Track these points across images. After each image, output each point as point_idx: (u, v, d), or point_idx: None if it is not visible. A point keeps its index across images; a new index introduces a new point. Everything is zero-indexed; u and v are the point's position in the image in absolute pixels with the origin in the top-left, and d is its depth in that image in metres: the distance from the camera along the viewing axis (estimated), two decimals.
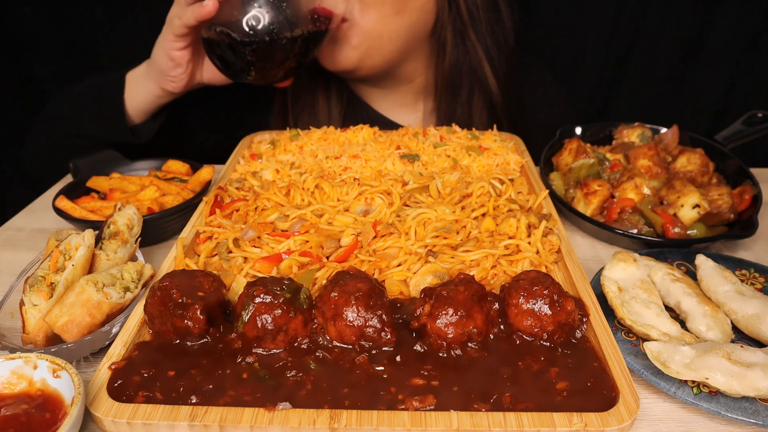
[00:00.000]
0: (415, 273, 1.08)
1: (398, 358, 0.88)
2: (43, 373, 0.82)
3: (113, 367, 0.86)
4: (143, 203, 1.29)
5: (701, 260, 1.12)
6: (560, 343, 0.92)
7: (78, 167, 1.47)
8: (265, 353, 0.89)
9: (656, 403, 0.90)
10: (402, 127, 1.69)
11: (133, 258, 1.11)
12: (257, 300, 0.88)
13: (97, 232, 1.08)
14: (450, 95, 1.82)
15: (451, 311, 0.88)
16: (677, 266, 1.17)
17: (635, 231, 1.30)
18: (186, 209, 1.30)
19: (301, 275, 1.06)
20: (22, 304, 0.95)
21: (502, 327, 0.94)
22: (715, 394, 0.86)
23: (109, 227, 1.09)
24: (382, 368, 0.87)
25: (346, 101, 1.86)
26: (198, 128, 1.95)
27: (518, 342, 0.92)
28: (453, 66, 1.77)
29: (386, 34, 1.62)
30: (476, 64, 1.76)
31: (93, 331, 0.92)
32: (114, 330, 0.95)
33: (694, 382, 0.87)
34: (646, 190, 1.34)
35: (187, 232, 1.20)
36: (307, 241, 1.13)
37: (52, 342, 0.94)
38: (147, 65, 1.56)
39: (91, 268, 1.04)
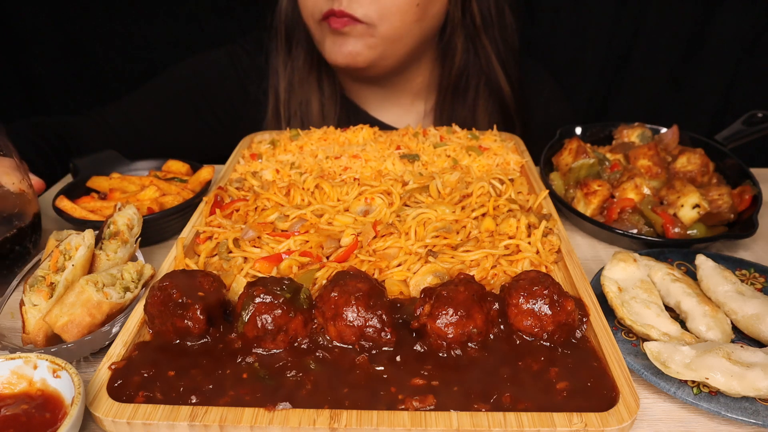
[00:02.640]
0: (415, 273, 1.08)
1: (398, 358, 0.88)
2: (43, 373, 0.82)
3: (113, 367, 0.86)
4: (143, 203, 1.29)
5: (701, 260, 1.12)
6: (560, 343, 0.92)
7: (78, 167, 1.47)
8: (265, 353, 0.89)
9: (656, 403, 0.90)
10: (397, 129, 1.70)
11: (133, 258, 1.11)
12: (257, 300, 0.88)
13: (97, 232, 1.08)
14: (455, 98, 1.83)
15: (451, 311, 0.88)
16: (677, 266, 1.17)
17: (635, 231, 1.30)
18: (186, 209, 1.29)
19: (301, 275, 1.06)
20: (22, 304, 0.95)
21: (502, 327, 0.94)
22: (715, 394, 0.86)
23: (109, 227, 1.09)
24: (382, 368, 0.87)
25: (339, 105, 1.87)
26: (198, 128, 1.95)
27: (518, 342, 0.92)
28: (461, 69, 1.78)
29: (404, 39, 1.64)
30: (487, 67, 1.78)
31: (93, 331, 0.92)
32: (114, 330, 0.95)
33: (694, 382, 0.87)
34: (646, 190, 1.34)
35: (187, 232, 1.20)
36: (307, 241, 1.13)
37: (52, 342, 0.94)
38: None
39: (91, 268, 1.04)
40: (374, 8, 1.54)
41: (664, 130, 1.62)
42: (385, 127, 1.87)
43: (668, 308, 1.05)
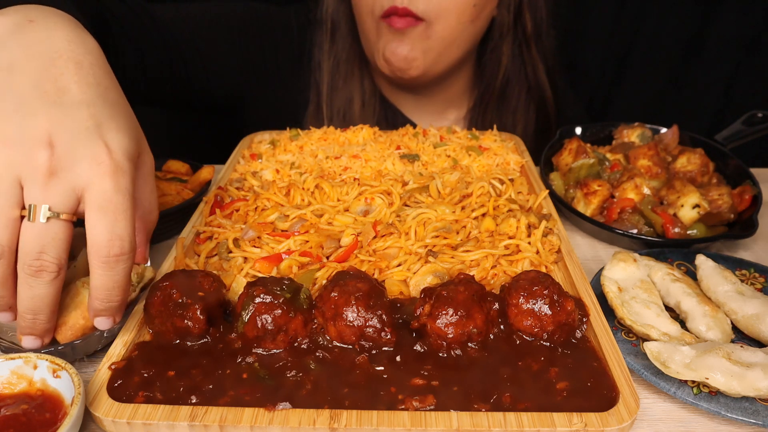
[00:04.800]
0: (415, 273, 1.08)
1: (398, 358, 0.88)
2: (43, 373, 0.82)
3: (113, 367, 0.86)
4: None
5: (701, 260, 1.12)
6: (560, 343, 0.92)
7: None
8: (265, 353, 0.89)
9: (656, 403, 0.90)
10: None
11: None
12: (257, 300, 0.88)
13: None
14: (496, 105, 1.83)
15: (451, 311, 0.88)
16: (677, 266, 1.17)
17: (635, 231, 1.30)
18: (186, 209, 1.29)
19: (301, 275, 1.06)
20: None
21: (502, 327, 0.94)
22: (715, 394, 0.86)
23: None
24: (382, 368, 0.87)
25: (378, 108, 1.86)
26: (198, 128, 1.95)
27: (518, 342, 0.92)
28: (506, 77, 1.79)
29: (457, 42, 1.63)
30: (533, 76, 1.79)
31: (86, 333, 0.92)
32: (106, 334, 0.94)
33: (694, 382, 0.87)
34: (646, 190, 1.34)
35: (187, 232, 1.20)
36: (307, 241, 1.13)
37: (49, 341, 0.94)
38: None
39: None
40: (434, 4, 1.53)
41: (664, 130, 1.62)
42: None
43: (668, 308, 1.05)
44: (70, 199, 0.79)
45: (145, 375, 0.85)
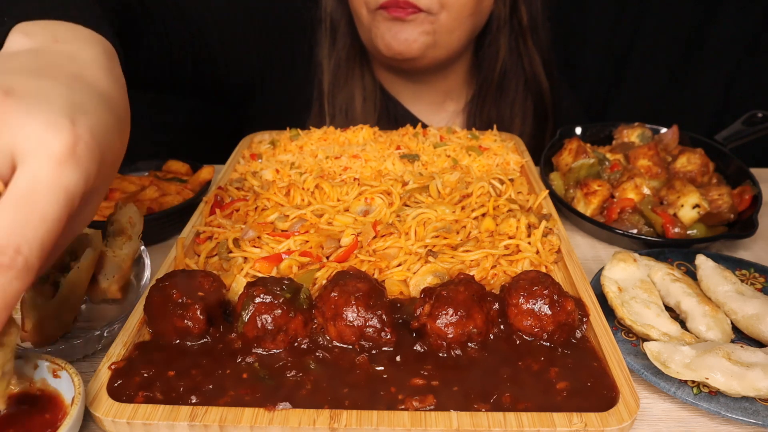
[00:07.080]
0: (415, 273, 1.08)
1: (398, 358, 0.88)
2: (43, 373, 0.82)
3: (113, 367, 0.86)
4: (143, 203, 1.29)
5: (701, 260, 1.12)
6: (560, 343, 0.92)
7: None
8: (265, 353, 0.89)
9: (656, 403, 0.90)
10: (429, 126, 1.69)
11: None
12: (257, 300, 0.88)
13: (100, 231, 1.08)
14: (494, 97, 1.84)
15: (451, 311, 0.88)
16: (677, 266, 1.17)
17: (635, 231, 1.30)
18: (186, 209, 1.30)
19: (301, 275, 1.06)
20: (23, 301, 0.95)
21: (502, 327, 0.94)
22: (715, 394, 0.86)
23: (111, 224, 1.09)
24: (382, 368, 0.87)
25: (379, 102, 1.87)
26: (198, 128, 1.95)
27: (518, 342, 0.92)
28: (503, 69, 1.80)
29: (456, 32, 1.64)
30: (530, 68, 1.81)
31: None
32: (106, 334, 0.94)
33: (694, 382, 0.87)
34: (646, 190, 1.34)
35: (187, 232, 1.20)
36: (307, 241, 1.13)
37: (49, 340, 0.94)
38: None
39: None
40: None
41: (664, 130, 1.62)
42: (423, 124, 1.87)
43: (668, 308, 1.05)
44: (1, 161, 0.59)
45: (145, 375, 0.85)
